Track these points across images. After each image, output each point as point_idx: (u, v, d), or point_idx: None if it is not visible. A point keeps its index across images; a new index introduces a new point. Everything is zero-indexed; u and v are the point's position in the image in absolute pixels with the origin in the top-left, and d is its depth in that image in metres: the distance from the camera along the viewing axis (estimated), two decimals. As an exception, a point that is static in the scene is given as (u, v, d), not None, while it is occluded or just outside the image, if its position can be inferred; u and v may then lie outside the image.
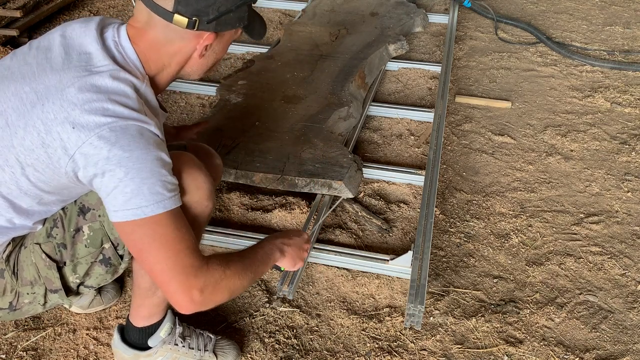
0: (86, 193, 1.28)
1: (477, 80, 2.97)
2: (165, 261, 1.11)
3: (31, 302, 1.30)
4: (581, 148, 2.48)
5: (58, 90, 1.10)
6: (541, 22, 3.52)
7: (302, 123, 2.34)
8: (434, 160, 2.21)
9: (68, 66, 1.12)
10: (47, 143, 1.09)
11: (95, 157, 1.07)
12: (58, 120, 1.08)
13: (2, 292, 1.27)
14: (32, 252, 1.26)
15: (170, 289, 1.13)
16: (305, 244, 1.50)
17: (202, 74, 1.30)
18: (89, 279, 1.32)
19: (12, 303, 1.28)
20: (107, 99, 1.09)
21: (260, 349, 1.62)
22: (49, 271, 1.27)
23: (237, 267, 1.21)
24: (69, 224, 1.27)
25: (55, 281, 1.28)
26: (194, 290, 1.12)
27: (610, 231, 2.07)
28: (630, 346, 1.68)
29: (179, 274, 1.11)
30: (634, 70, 3.04)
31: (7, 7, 3.12)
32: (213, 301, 1.17)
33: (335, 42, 2.99)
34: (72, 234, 1.27)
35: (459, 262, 1.93)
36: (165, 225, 1.10)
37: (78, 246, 1.28)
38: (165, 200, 1.10)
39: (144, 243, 1.11)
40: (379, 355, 1.62)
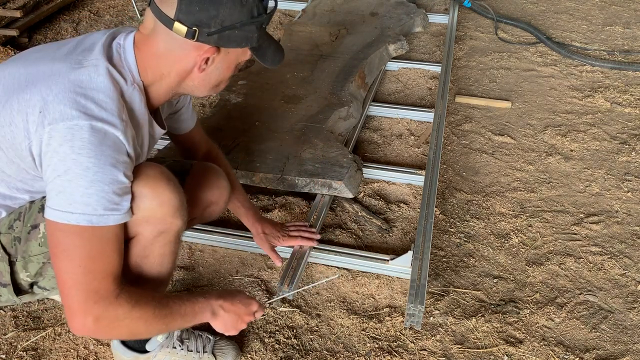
0: None
1: (477, 80, 2.97)
2: (71, 275, 1.08)
3: None
4: (581, 148, 2.48)
5: (46, 75, 1.10)
6: (541, 22, 3.52)
7: (302, 123, 2.34)
8: (434, 160, 2.21)
9: (66, 58, 1.13)
10: (15, 122, 1.09)
11: (47, 147, 1.06)
12: (31, 102, 1.08)
13: None
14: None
15: (67, 304, 1.09)
16: (247, 316, 1.35)
17: (207, 92, 1.26)
18: (42, 280, 1.28)
19: None
20: (82, 94, 1.07)
21: (260, 349, 1.62)
22: (0, 263, 1.24)
23: (148, 313, 1.15)
24: (28, 219, 1.24)
25: (5, 275, 1.24)
26: (89, 316, 1.09)
27: (610, 231, 2.07)
28: (630, 346, 1.68)
29: (79, 294, 1.08)
30: (634, 70, 3.04)
31: (7, 7, 3.13)
32: (107, 334, 1.15)
33: (335, 42, 2.99)
34: (28, 229, 1.24)
35: (459, 262, 1.93)
36: (86, 239, 1.07)
37: (32, 243, 1.23)
38: (94, 215, 1.06)
39: (59, 248, 1.08)
40: (379, 355, 1.62)
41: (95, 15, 3.49)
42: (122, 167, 1.09)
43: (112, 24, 3.39)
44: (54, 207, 1.06)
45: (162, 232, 1.24)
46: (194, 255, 1.92)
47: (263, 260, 1.90)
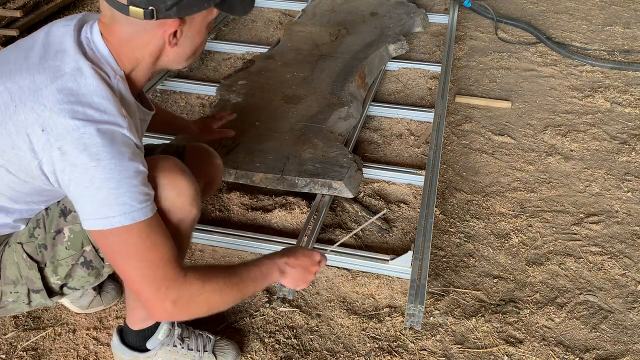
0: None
1: (477, 80, 2.97)
2: (136, 271, 1.09)
3: (15, 300, 1.28)
4: (581, 148, 2.48)
5: (31, 91, 1.07)
6: (541, 22, 3.52)
7: (302, 123, 2.34)
8: (434, 160, 2.21)
9: (43, 66, 1.10)
10: (17, 145, 1.07)
11: (62, 163, 1.05)
12: (28, 122, 1.06)
13: None
14: (15, 251, 1.24)
15: (142, 298, 1.12)
16: (313, 266, 1.38)
17: (186, 62, 1.24)
18: (71, 281, 1.29)
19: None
20: (77, 102, 1.06)
21: (260, 349, 1.62)
22: (29, 271, 1.25)
23: (220, 284, 1.18)
24: (50, 225, 1.25)
25: (36, 281, 1.26)
26: (166, 302, 1.11)
27: (610, 231, 2.07)
28: (630, 346, 1.68)
29: (149, 285, 1.10)
30: (634, 70, 3.04)
31: (7, 7, 3.13)
32: (189, 313, 1.16)
33: (335, 42, 2.99)
34: (52, 235, 1.25)
35: (459, 262, 1.93)
36: (136, 235, 1.08)
37: (58, 248, 1.25)
38: (134, 211, 1.07)
39: (114, 252, 1.09)
40: (379, 355, 1.62)
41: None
42: (138, 158, 1.10)
43: (112, 24, 3.39)
44: (92, 218, 1.07)
45: (181, 220, 1.26)
46: (194, 255, 1.92)
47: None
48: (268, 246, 1.90)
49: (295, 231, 2.01)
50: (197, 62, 3.05)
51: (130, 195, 1.06)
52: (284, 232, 2.01)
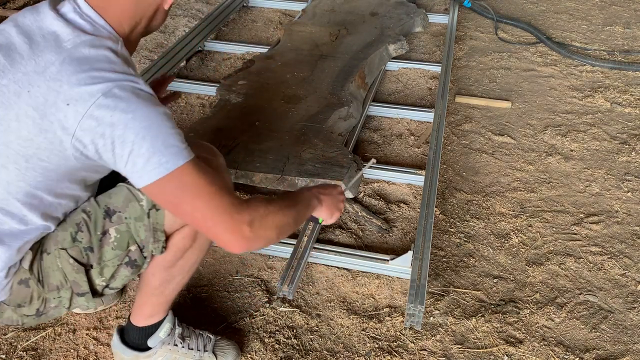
0: (110, 195, 1.27)
1: (477, 80, 2.97)
2: (204, 207, 1.11)
3: (57, 306, 1.29)
4: (581, 148, 2.48)
5: (38, 73, 1.08)
6: (541, 22, 3.52)
7: (302, 123, 2.34)
8: (434, 160, 2.21)
9: (38, 49, 1.10)
10: (45, 128, 1.08)
11: (99, 128, 1.05)
12: (49, 102, 1.06)
13: (30, 301, 1.25)
14: (58, 257, 1.24)
15: (218, 232, 1.13)
16: (340, 195, 1.50)
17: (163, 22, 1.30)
18: (114, 281, 1.31)
19: (39, 309, 1.27)
20: (92, 68, 1.07)
21: (260, 349, 1.62)
22: (77, 275, 1.25)
23: (279, 204, 1.23)
24: (94, 227, 1.25)
25: (82, 284, 1.26)
26: (242, 225, 1.13)
27: (610, 231, 2.07)
28: (630, 346, 1.68)
29: (221, 215, 1.12)
30: (634, 70, 3.04)
31: (7, 7, 3.13)
32: (264, 237, 1.18)
33: (335, 42, 2.99)
34: (99, 237, 1.25)
35: (459, 262, 1.93)
36: (191, 173, 1.10)
37: (105, 249, 1.26)
38: (182, 150, 1.09)
39: (177, 197, 1.10)
40: (379, 355, 1.62)
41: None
42: (160, 104, 1.13)
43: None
44: (147, 170, 1.07)
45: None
46: (194, 255, 1.91)
47: (263, 260, 1.91)
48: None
49: (295, 231, 2.01)
50: (197, 62, 3.05)
51: (173, 137, 1.09)
52: (284, 232, 2.01)
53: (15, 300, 1.24)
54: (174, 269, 1.37)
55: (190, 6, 3.65)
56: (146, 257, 1.31)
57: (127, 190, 1.27)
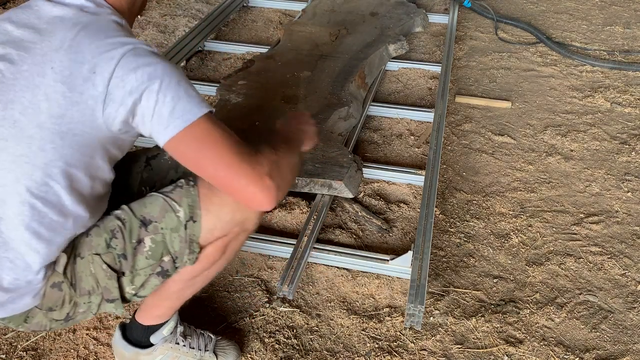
0: (145, 205, 1.28)
1: (477, 80, 2.97)
2: (226, 156, 1.12)
3: (85, 311, 1.28)
4: (581, 148, 2.48)
5: (57, 49, 1.11)
6: (541, 22, 3.52)
7: (302, 123, 2.34)
8: (434, 160, 2.21)
9: (47, 32, 1.14)
10: (75, 100, 1.10)
11: (126, 86, 1.10)
12: (74, 74, 1.10)
13: (61, 304, 1.24)
14: (92, 262, 1.24)
15: (242, 185, 1.13)
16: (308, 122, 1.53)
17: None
18: (143, 290, 1.31)
19: (69, 314, 1.26)
20: (107, 36, 1.12)
21: (260, 349, 1.62)
22: (108, 281, 1.25)
23: (282, 149, 1.25)
24: (130, 235, 1.25)
25: (113, 291, 1.26)
26: (264, 176, 1.14)
27: (610, 231, 2.07)
28: (630, 346, 1.68)
29: (243, 164, 1.13)
30: (634, 70, 3.04)
31: (7, 7, 3.13)
32: (285, 182, 1.19)
33: (335, 42, 2.99)
34: (134, 245, 1.26)
35: (459, 262, 1.93)
36: (212, 124, 1.13)
37: (139, 258, 1.26)
38: (202, 101, 1.13)
39: (200, 148, 1.12)
40: (379, 355, 1.62)
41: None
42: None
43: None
44: (173, 119, 1.10)
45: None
46: (194, 255, 1.91)
47: (263, 260, 1.91)
48: (268, 246, 1.90)
49: (295, 231, 2.01)
50: (197, 62, 3.05)
51: (192, 88, 1.14)
52: (284, 232, 2.01)
53: (47, 303, 1.22)
54: (198, 278, 1.38)
55: (190, 6, 3.65)
56: (178, 267, 1.32)
57: (162, 200, 1.28)
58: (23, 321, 1.23)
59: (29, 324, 1.24)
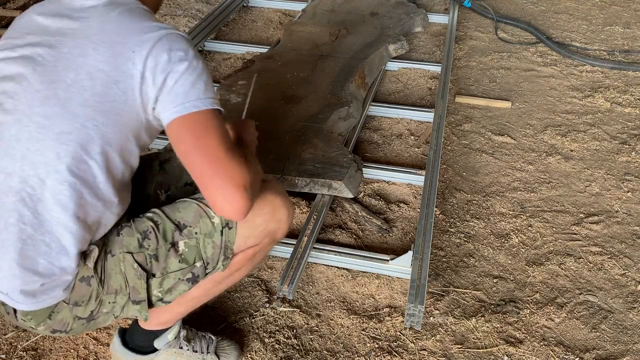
0: (178, 209, 1.28)
1: (477, 80, 2.97)
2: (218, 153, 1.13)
3: (108, 312, 1.27)
4: (581, 148, 2.48)
5: (98, 32, 1.16)
6: (541, 22, 3.52)
7: (302, 123, 2.34)
8: (434, 160, 2.21)
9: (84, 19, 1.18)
10: (117, 79, 1.13)
11: (159, 65, 1.14)
12: (117, 53, 1.14)
13: (87, 300, 1.23)
14: (122, 260, 1.23)
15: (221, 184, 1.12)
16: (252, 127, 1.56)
17: None
18: (169, 295, 1.30)
19: (93, 312, 1.25)
20: (144, 20, 1.18)
21: (260, 349, 1.62)
22: (138, 281, 1.24)
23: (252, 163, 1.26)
24: (164, 237, 1.25)
25: (141, 292, 1.25)
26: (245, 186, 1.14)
27: (610, 231, 2.07)
28: (630, 346, 1.68)
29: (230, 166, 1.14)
30: (634, 70, 3.04)
31: (7, 7, 3.13)
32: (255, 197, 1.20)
33: (335, 42, 2.99)
34: (168, 247, 1.25)
35: (459, 262, 1.93)
36: (217, 120, 1.16)
37: (171, 260, 1.26)
38: (216, 99, 1.17)
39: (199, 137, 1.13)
40: (379, 355, 1.62)
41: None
42: None
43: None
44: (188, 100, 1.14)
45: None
46: (194, 255, 1.91)
47: (263, 260, 1.90)
48: (268, 246, 1.90)
49: (295, 231, 2.01)
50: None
51: (211, 84, 1.19)
52: (284, 232, 2.01)
53: (74, 297, 1.21)
54: (221, 285, 1.38)
55: (190, 6, 3.65)
56: (208, 273, 1.31)
57: (196, 206, 1.28)
58: (47, 317, 1.21)
59: (52, 320, 1.22)
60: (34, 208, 1.13)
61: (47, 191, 1.13)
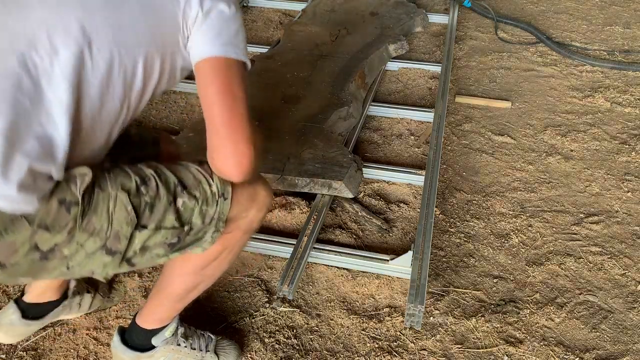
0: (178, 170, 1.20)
1: (477, 80, 2.97)
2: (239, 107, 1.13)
3: (67, 256, 1.08)
4: (581, 148, 2.48)
5: None
6: (541, 22, 3.52)
7: (302, 123, 2.34)
8: (434, 160, 2.21)
9: None
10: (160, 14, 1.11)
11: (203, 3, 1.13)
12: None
13: (59, 229, 1.04)
14: (114, 199, 1.09)
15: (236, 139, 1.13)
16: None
17: None
18: (140, 257, 1.16)
19: (55, 248, 1.06)
20: None
21: (260, 349, 1.62)
22: (125, 227, 1.10)
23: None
24: (166, 189, 1.16)
25: (122, 241, 1.11)
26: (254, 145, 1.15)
27: (610, 231, 2.07)
28: (630, 346, 1.68)
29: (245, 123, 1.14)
30: (634, 70, 3.04)
31: None
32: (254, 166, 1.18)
33: (335, 42, 2.99)
34: (169, 199, 1.15)
35: (459, 262, 1.93)
36: (243, 73, 1.16)
37: (169, 216, 1.15)
38: (246, 54, 1.17)
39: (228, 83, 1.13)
40: (379, 355, 1.62)
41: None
42: None
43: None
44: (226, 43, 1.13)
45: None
46: (194, 255, 1.91)
47: (263, 260, 1.91)
48: (268, 246, 1.90)
49: (295, 231, 2.01)
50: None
51: (245, 39, 1.19)
52: (284, 232, 2.01)
53: (45, 218, 1.03)
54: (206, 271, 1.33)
55: (190, 6, 3.64)
56: (190, 245, 1.22)
57: (196, 170, 1.22)
58: (3, 228, 1.00)
59: (2, 238, 1.01)
60: (37, 79, 1.00)
61: (57, 66, 1.01)
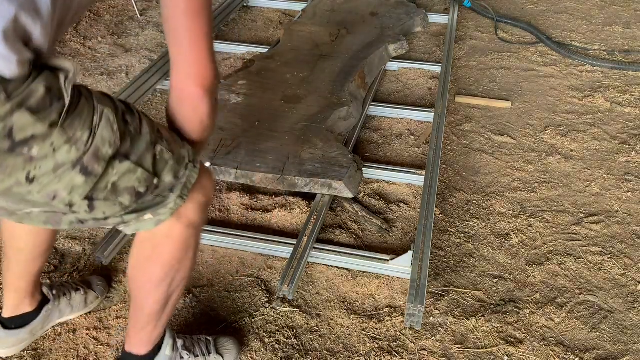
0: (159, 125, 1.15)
1: (477, 80, 2.97)
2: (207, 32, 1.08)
3: (32, 160, 0.93)
4: (581, 148, 2.48)
5: None
6: (541, 22, 3.52)
7: (302, 123, 2.34)
8: (434, 160, 2.21)
9: None
10: None
11: None
12: None
13: (41, 118, 0.91)
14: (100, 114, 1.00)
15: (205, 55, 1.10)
16: None
17: None
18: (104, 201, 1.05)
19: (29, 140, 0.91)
20: None
21: (260, 349, 1.62)
22: (107, 147, 1.00)
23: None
24: (150, 127, 1.10)
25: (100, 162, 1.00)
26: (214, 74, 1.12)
27: (610, 231, 2.07)
28: (630, 346, 1.68)
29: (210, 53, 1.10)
30: (634, 70, 3.04)
31: None
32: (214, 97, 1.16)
33: (335, 42, 2.99)
34: (153, 138, 1.08)
35: (459, 262, 1.93)
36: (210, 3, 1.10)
37: (148, 156, 1.08)
38: None
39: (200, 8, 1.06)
40: (379, 355, 1.62)
41: (95, 15, 3.49)
42: None
43: (112, 24, 3.39)
44: None
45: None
46: (194, 255, 1.91)
47: (263, 260, 1.91)
48: (268, 246, 1.90)
49: (295, 231, 2.01)
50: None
51: None
52: (284, 232, 2.01)
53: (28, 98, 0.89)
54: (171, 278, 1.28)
55: (190, 6, 3.64)
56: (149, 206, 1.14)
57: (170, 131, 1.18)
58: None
59: None
60: None
61: None
